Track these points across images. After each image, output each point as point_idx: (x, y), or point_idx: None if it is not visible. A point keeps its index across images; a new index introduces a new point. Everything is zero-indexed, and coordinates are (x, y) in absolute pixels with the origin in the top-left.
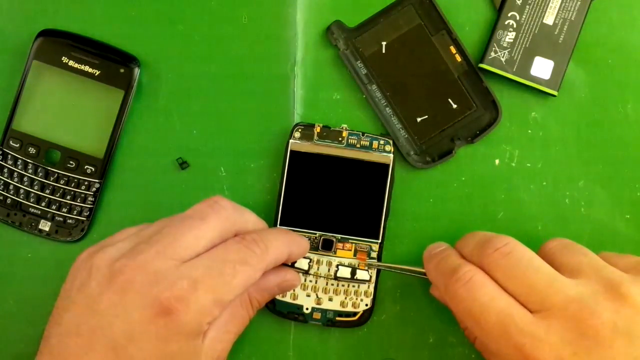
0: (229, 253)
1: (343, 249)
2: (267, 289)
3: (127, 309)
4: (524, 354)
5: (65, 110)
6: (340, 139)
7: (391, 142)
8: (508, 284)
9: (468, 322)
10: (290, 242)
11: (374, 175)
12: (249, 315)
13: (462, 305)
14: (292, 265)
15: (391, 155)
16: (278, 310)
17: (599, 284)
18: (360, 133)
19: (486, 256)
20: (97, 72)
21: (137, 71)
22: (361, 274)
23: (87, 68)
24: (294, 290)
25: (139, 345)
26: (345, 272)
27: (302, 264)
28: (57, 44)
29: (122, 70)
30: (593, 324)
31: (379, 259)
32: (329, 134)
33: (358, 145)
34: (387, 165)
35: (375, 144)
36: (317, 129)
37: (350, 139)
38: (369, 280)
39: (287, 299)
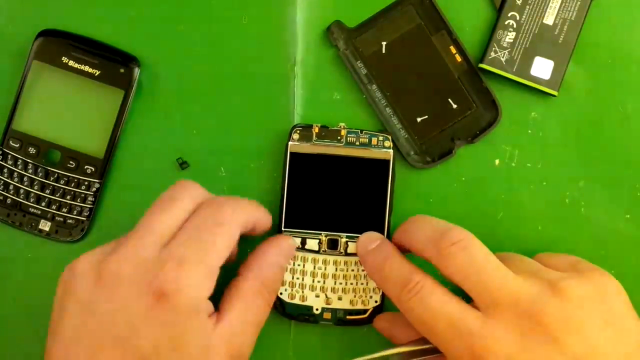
0: (201, 219)
1: (349, 248)
2: (272, 262)
3: (123, 302)
4: (475, 353)
5: (65, 110)
6: (339, 138)
7: (390, 137)
8: (461, 280)
9: (422, 330)
10: (254, 207)
11: (375, 171)
12: (266, 301)
13: (414, 314)
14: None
15: (391, 150)
16: (287, 313)
17: (542, 284)
18: (359, 130)
19: (442, 249)
20: (97, 72)
21: (137, 71)
22: None
23: (87, 68)
24: (302, 292)
25: (144, 335)
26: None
27: (312, 244)
28: (57, 44)
29: (122, 70)
30: (541, 320)
31: None
32: (328, 133)
33: (357, 143)
34: (388, 161)
35: (374, 140)
36: (316, 129)
37: (349, 137)
38: None
39: (297, 300)
